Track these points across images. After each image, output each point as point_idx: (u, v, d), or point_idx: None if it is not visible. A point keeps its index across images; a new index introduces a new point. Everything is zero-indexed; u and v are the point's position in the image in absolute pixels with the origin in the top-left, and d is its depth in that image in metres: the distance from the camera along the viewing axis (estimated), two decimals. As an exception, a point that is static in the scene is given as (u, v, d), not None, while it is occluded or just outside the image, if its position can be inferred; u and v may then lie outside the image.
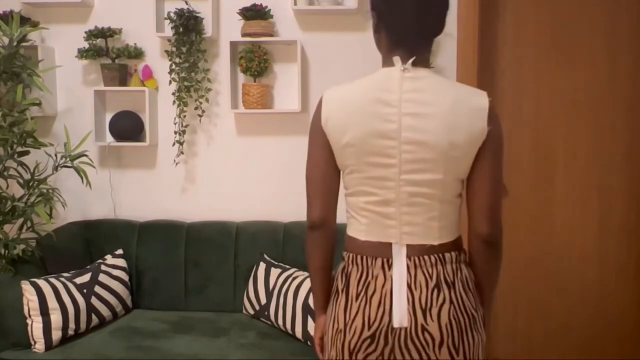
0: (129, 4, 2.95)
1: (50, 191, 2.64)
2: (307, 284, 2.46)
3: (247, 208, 2.95)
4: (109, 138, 2.96)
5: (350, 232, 1.47)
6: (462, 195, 1.43)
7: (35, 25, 2.80)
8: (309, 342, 2.39)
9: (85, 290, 2.53)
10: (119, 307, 2.65)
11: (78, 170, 2.65)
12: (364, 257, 1.41)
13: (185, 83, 2.83)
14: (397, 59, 1.37)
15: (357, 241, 1.43)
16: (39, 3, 2.92)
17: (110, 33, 2.86)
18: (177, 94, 2.84)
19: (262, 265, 2.68)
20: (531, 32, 2.85)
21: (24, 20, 2.76)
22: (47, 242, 2.66)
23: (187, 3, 2.83)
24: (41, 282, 2.43)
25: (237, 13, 2.84)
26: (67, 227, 2.86)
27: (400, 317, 1.35)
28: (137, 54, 2.91)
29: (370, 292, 1.38)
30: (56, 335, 2.38)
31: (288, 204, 2.90)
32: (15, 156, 2.57)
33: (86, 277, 2.58)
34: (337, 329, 1.41)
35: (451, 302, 1.35)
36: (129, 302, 2.73)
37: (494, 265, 1.44)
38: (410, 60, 1.36)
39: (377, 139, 1.35)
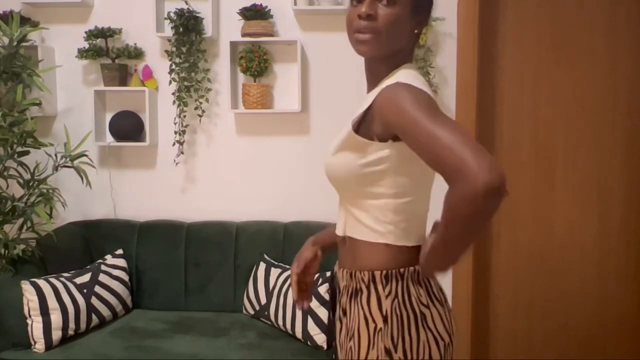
0: (129, 4, 2.95)
1: (50, 191, 2.64)
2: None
3: (247, 208, 2.95)
4: (109, 138, 2.96)
5: (412, 241, 1.29)
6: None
7: (35, 25, 2.80)
8: (308, 342, 2.39)
9: (85, 290, 2.53)
10: (119, 307, 2.65)
11: (78, 170, 2.65)
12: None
13: (185, 83, 2.83)
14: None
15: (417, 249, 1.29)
16: (39, 3, 2.92)
17: (110, 33, 2.86)
18: (177, 94, 2.84)
19: (262, 265, 2.68)
20: (531, 31, 2.85)
21: (24, 20, 2.76)
22: (47, 242, 2.66)
23: (187, 3, 2.82)
24: (41, 282, 2.43)
25: (237, 13, 2.84)
26: (67, 227, 2.86)
27: None
28: (137, 54, 2.91)
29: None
30: (56, 335, 2.38)
31: (288, 204, 2.89)
32: (15, 156, 2.57)
33: (86, 277, 2.58)
34: (447, 343, 1.27)
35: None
36: (129, 302, 2.73)
37: None
38: None
39: None
